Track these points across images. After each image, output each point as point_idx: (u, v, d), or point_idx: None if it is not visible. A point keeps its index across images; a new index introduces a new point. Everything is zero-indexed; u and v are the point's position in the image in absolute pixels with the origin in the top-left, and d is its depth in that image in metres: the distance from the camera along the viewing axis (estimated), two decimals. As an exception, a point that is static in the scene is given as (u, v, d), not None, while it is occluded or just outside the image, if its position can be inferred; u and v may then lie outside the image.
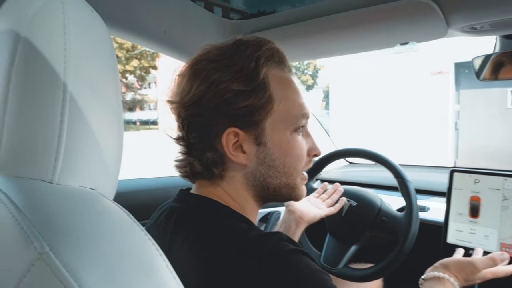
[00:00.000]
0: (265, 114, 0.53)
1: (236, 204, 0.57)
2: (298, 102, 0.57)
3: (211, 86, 0.51)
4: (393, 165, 0.98)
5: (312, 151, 0.60)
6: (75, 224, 0.28)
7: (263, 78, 0.53)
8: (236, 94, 0.51)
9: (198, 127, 0.54)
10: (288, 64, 0.59)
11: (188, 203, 0.57)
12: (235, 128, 0.52)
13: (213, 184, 0.57)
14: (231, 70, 0.52)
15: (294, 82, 0.59)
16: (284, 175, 0.56)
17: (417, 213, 0.92)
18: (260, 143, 0.54)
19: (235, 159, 0.54)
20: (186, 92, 0.53)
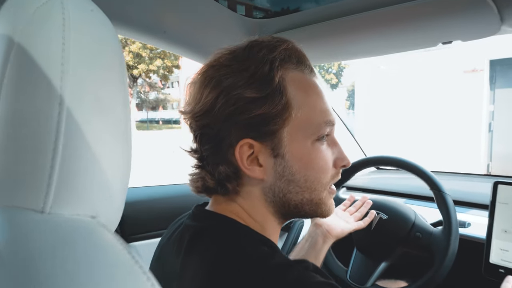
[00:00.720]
0: (282, 122, 0.48)
1: (255, 222, 0.52)
2: (321, 107, 0.51)
3: (222, 94, 0.47)
4: (429, 175, 0.90)
5: (339, 161, 0.54)
6: (62, 266, 0.23)
7: (279, 82, 0.47)
8: (249, 102, 0.46)
9: (211, 138, 0.49)
10: (310, 65, 0.53)
11: (203, 221, 0.52)
12: (249, 139, 0.48)
13: (229, 200, 0.52)
14: (243, 75, 0.47)
15: (317, 85, 0.53)
16: (306, 190, 0.51)
17: (457, 230, 0.84)
18: (277, 155, 0.49)
19: (251, 173, 0.49)
20: (197, 101, 0.49)
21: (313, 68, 0.54)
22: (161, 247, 0.58)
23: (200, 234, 0.50)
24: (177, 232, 0.55)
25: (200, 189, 0.53)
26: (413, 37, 0.71)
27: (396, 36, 0.73)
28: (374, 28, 0.74)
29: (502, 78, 6.38)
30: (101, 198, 0.32)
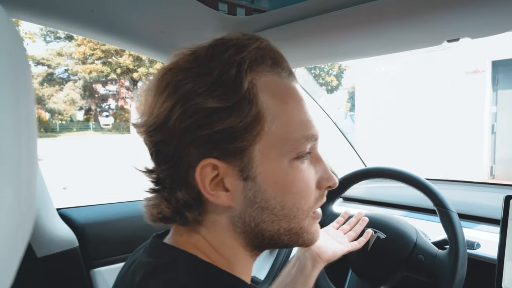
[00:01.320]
0: (253, 138, 0.40)
1: (222, 258, 0.44)
2: (301, 119, 0.43)
3: (179, 103, 0.39)
4: (433, 190, 0.80)
5: (324, 182, 0.45)
6: None
7: (248, 89, 0.39)
8: (211, 113, 0.38)
9: (167, 158, 0.41)
10: (288, 68, 0.44)
11: (157, 258, 0.44)
12: (212, 158, 0.40)
13: (192, 230, 0.44)
14: (204, 80, 0.39)
15: (297, 91, 0.44)
16: (284, 219, 0.42)
17: (465, 253, 0.74)
18: (247, 177, 0.41)
19: (215, 199, 0.41)
20: (150, 112, 0.41)
21: (292, 71, 0.45)
22: (118, 281, 0.49)
23: (152, 274, 0.41)
24: (131, 268, 0.46)
25: (156, 217, 0.44)
26: (415, 34, 0.62)
27: (395, 34, 0.63)
28: (370, 24, 0.65)
29: (504, 79, 6.29)
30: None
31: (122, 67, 18.60)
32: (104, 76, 19.63)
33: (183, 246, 0.43)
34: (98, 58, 18.43)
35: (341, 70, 19.86)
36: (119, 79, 22.22)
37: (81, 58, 18.51)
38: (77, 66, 18.91)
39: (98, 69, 18.70)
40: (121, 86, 23.74)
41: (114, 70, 18.87)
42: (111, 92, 23.98)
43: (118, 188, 4.94)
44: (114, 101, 24.36)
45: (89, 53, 18.21)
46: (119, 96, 24.14)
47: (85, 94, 20.88)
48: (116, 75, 19.80)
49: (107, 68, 18.73)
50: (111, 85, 23.42)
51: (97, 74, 19.11)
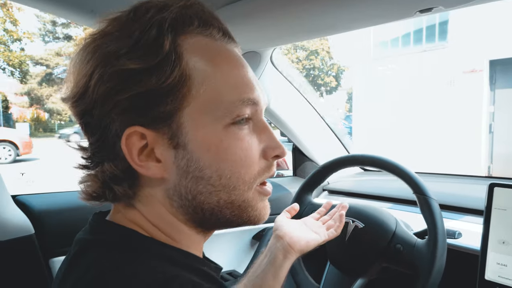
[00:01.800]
0: (179, 101, 0.37)
1: (162, 234, 0.40)
2: (236, 81, 0.40)
3: (98, 67, 0.36)
4: (411, 176, 0.77)
5: (270, 151, 0.42)
6: None
7: (170, 49, 0.36)
8: (131, 76, 0.36)
9: (94, 129, 0.39)
10: (223, 29, 0.41)
11: (94, 234, 0.41)
12: (138, 126, 0.37)
13: (128, 206, 0.41)
14: (125, 42, 0.36)
15: (233, 53, 0.41)
16: (222, 189, 0.39)
17: (444, 241, 0.71)
18: (177, 145, 0.38)
19: (145, 171, 0.38)
20: (73, 83, 0.39)
21: (228, 33, 0.42)
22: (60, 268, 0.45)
23: (84, 251, 0.39)
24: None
25: (88, 196, 0.41)
26: (385, 6, 0.58)
27: (365, 7, 0.59)
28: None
29: (502, 78, 6.28)
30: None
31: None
32: (102, 76, 19.67)
33: (121, 222, 0.40)
34: (97, 58, 18.48)
35: (340, 70, 19.83)
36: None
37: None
38: (75, 66, 18.94)
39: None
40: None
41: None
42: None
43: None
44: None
45: (87, 52, 18.26)
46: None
47: (83, 94, 20.96)
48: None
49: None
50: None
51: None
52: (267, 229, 1.17)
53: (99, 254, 0.37)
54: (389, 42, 7.95)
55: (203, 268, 0.40)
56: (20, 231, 0.67)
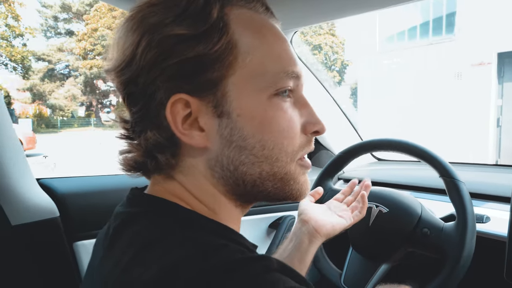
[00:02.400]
0: (225, 69, 0.37)
1: (203, 206, 0.40)
2: (280, 53, 0.39)
3: (145, 36, 0.36)
4: (438, 159, 0.75)
5: (310, 126, 0.41)
6: None
7: (219, 18, 0.37)
8: (179, 41, 0.36)
9: (138, 98, 0.39)
10: (266, 5, 0.41)
11: (134, 207, 0.40)
12: (183, 94, 0.37)
13: (168, 178, 0.40)
14: (172, 11, 0.36)
15: (276, 28, 0.41)
16: (265, 160, 0.39)
17: (474, 223, 0.69)
18: (222, 113, 0.37)
19: (189, 140, 0.37)
20: (118, 52, 0.39)
21: (271, 10, 0.42)
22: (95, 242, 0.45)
23: (127, 223, 0.38)
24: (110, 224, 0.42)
25: (129, 166, 0.41)
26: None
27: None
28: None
29: (510, 71, 6.20)
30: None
31: (123, 63, 18.67)
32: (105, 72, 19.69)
33: (162, 194, 0.39)
34: (99, 53, 18.42)
35: (343, 65, 19.70)
36: (120, 75, 22.29)
37: (82, 53, 18.53)
38: (78, 61, 18.93)
39: (99, 64, 18.70)
40: (122, 82, 23.82)
41: (115, 66, 18.92)
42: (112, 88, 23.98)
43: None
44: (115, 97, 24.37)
45: (89, 48, 18.20)
46: (121, 92, 24.23)
47: (86, 90, 20.86)
48: (118, 71, 19.86)
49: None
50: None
51: (98, 70, 19.11)
52: (283, 217, 1.16)
53: (141, 227, 0.36)
54: (395, 36, 7.87)
55: (244, 243, 0.39)
56: (45, 214, 0.67)
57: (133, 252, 0.34)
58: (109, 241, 0.38)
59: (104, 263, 0.37)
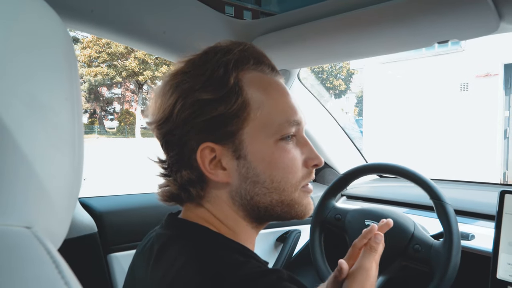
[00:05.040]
0: (241, 123, 0.47)
1: (227, 228, 0.51)
2: (283, 107, 0.50)
3: (180, 98, 0.47)
4: (429, 183, 0.84)
5: (310, 161, 0.52)
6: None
7: (234, 83, 0.47)
8: (205, 104, 0.47)
9: (174, 145, 0.50)
10: (271, 65, 0.53)
11: (173, 230, 0.51)
12: (209, 142, 0.47)
13: (198, 206, 0.51)
14: (200, 79, 0.48)
15: (279, 84, 0.52)
16: (274, 191, 0.49)
17: (459, 241, 0.78)
18: (239, 156, 0.48)
19: (215, 177, 0.48)
20: (158, 110, 0.50)
21: (275, 67, 0.53)
22: (134, 259, 0.56)
23: (169, 243, 0.48)
24: (149, 243, 0.53)
25: (165, 196, 0.52)
26: (406, 36, 0.67)
27: (388, 36, 0.69)
28: (365, 27, 0.70)
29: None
30: (38, 208, 0.29)
31: (127, 70, 18.74)
32: (110, 79, 19.78)
33: (194, 219, 0.50)
34: (104, 61, 18.61)
35: (349, 74, 19.76)
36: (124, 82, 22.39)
37: (87, 61, 18.72)
38: (82, 69, 19.08)
39: (103, 72, 18.84)
40: (126, 89, 23.90)
41: (119, 73, 19.00)
42: (116, 95, 24.17)
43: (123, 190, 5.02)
44: (119, 104, 24.53)
45: (94, 56, 18.44)
46: (124, 99, 24.32)
47: (90, 97, 21.03)
48: (122, 78, 19.95)
49: (113, 71, 18.89)
50: (116, 88, 23.59)
51: (102, 77, 19.28)
52: (290, 232, 1.25)
53: (185, 244, 0.46)
54: (401, 47, 7.90)
55: (260, 259, 0.50)
56: (85, 230, 0.78)
57: (177, 267, 0.43)
58: (155, 257, 0.48)
59: (150, 275, 0.47)
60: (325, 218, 0.98)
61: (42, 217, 0.29)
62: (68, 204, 0.32)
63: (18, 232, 0.27)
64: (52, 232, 0.30)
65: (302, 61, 0.90)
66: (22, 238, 0.26)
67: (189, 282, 0.40)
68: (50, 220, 0.30)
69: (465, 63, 6.57)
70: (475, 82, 6.52)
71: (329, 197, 1.01)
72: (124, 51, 18.25)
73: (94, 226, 0.80)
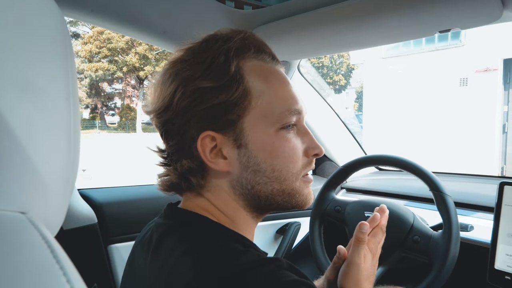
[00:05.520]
0: (242, 111, 0.47)
1: (227, 218, 0.50)
2: (284, 96, 0.49)
3: (180, 87, 0.46)
4: (429, 175, 0.84)
5: (310, 150, 0.51)
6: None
7: (236, 71, 0.47)
8: (206, 92, 0.46)
9: (174, 134, 0.49)
10: (271, 54, 0.52)
11: (172, 219, 0.50)
12: (210, 131, 0.47)
13: (198, 195, 0.51)
14: (200, 67, 0.47)
15: (280, 73, 0.52)
16: (275, 180, 0.49)
17: (458, 232, 0.78)
18: (240, 145, 0.47)
19: (215, 166, 0.47)
20: (158, 98, 0.49)
21: (275, 56, 0.53)
22: (133, 249, 0.56)
23: (168, 232, 0.48)
24: (148, 233, 0.52)
25: (166, 186, 0.52)
26: (407, 25, 0.66)
27: (389, 25, 0.68)
28: (365, 17, 0.69)
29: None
30: (33, 193, 0.28)
31: (128, 66, 18.66)
32: (110, 74, 19.73)
33: (193, 209, 0.50)
34: (105, 56, 18.54)
35: (349, 69, 19.71)
36: (125, 78, 22.33)
37: (88, 56, 18.63)
38: (83, 64, 19.01)
39: (104, 67, 18.78)
40: (127, 84, 23.85)
41: (120, 69, 18.94)
42: (117, 91, 24.10)
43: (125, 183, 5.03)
44: (120, 99, 24.48)
45: (95, 51, 18.36)
46: (125, 94, 24.27)
47: (91, 93, 20.95)
48: (122, 74, 19.89)
49: (114, 66, 18.82)
50: (117, 83, 23.53)
51: (103, 73, 19.21)
52: (290, 224, 1.26)
53: (183, 234, 0.46)
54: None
55: (258, 249, 0.50)
56: (85, 220, 0.78)
57: (176, 257, 0.43)
58: (153, 247, 0.48)
59: (150, 264, 0.47)
60: (324, 210, 0.99)
61: (37, 203, 0.29)
62: (64, 190, 0.32)
63: (12, 217, 0.27)
64: (48, 218, 0.30)
65: (302, 52, 0.89)
66: (16, 223, 0.26)
67: (187, 271, 0.40)
68: (46, 206, 0.30)
69: (464, 58, 6.58)
70: (474, 77, 6.52)
71: (328, 189, 1.01)
72: (125, 47, 18.15)
73: (94, 217, 0.80)
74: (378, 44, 0.79)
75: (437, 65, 6.92)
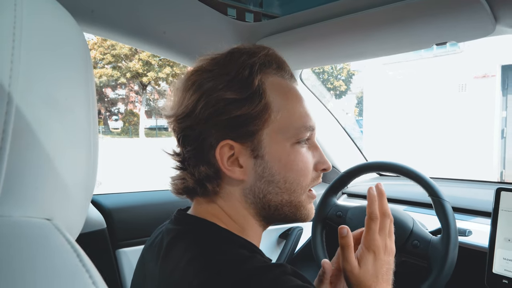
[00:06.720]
0: (262, 124, 0.49)
1: (236, 224, 0.52)
2: (300, 112, 0.52)
3: (203, 96, 0.48)
4: (427, 181, 0.87)
5: (320, 165, 0.55)
6: (3, 267, 0.22)
7: (258, 85, 0.49)
8: (229, 103, 0.48)
9: (192, 140, 0.51)
10: (290, 71, 0.55)
11: (182, 225, 0.52)
12: (229, 140, 0.49)
13: (210, 201, 0.53)
14: (224, 78, 0.49)
15: (297, 90, 0.55)
16: (286, 192, 0.51)
17: (456, 237, 0.81)
18: (257, 156, 0.50)
19: (231, 174, 0.50)
20: (179, 104, 0.51)
21: (293, 74, 0.55)
22: (143, 252, 0.58)
23: (178, 238, 0.50)
24: (158, 238, 0.54)
25: (180, 190, 0.53)
26: (405, 38, 0.69)
27: (388, 38, 0.71)
28: (365, 30, 0.73)
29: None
30: (57, 201, 0.31)
31: (131, 72, 18.82)
32: (114, 80, 19.86)
33: (204, 215, 0.52)
34: (108, 62, 18.67)
35: (349, 74, 19.81)
36: (128, 84, 22.44)
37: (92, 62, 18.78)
38: (87, 70, 19.13)
39: (108, 73, 18.91)
40: (130, 90, 23.97)
41: (123, 75, 19.08)
42: (120, 96, 24.21)
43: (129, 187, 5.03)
44: (124, 105, 24.57)
45: (99, 57, 18.49)
46: (129, 100, 24.39)
47: (95, 98, 21.04)
48: (126, 80, 20.01)
49: (117, 72, 18.97)
50: (120, 89, 23.67)
51: (107, 78, 19.32)
52: (292, 229, 1.28)
53: (192, 240, 0.48)
54: (400, 47, 7.95)
55: (264, 255, 0.52)
56: (94, 226, 0.81)
57: (186, 261, 0.45)
58: (164, 252, 0.49)
59: (160, 269, 0.48)
60: (326, 215, 1.01)
61: (60, 210, 0.31)
62: (84, 198, 0.34)
63: (39, 224, 0.29)
64: (69, 224, 0.32)
65: (304, 62, 0.93)
66: (43, 229, 0.28)
67: (194, 277, 0.42)
68: (68, 213, 0.32)
69: (463, 64, 6.63)
70: (473, 83, 6.57)
71: (330, 195, 1.03)
72: (128, 53, 18.30)
73: (103, 222, 0.83)
74: (377, 56, 0.82)
75: (436, 71, 6.97)
